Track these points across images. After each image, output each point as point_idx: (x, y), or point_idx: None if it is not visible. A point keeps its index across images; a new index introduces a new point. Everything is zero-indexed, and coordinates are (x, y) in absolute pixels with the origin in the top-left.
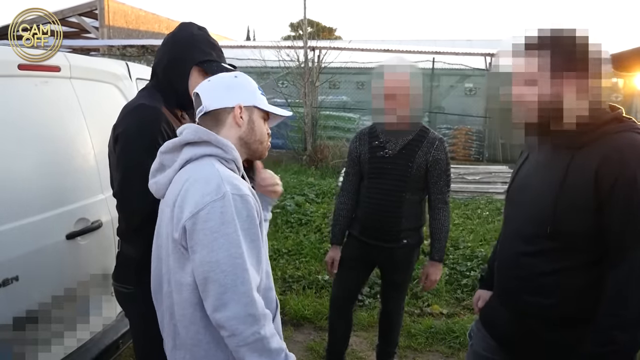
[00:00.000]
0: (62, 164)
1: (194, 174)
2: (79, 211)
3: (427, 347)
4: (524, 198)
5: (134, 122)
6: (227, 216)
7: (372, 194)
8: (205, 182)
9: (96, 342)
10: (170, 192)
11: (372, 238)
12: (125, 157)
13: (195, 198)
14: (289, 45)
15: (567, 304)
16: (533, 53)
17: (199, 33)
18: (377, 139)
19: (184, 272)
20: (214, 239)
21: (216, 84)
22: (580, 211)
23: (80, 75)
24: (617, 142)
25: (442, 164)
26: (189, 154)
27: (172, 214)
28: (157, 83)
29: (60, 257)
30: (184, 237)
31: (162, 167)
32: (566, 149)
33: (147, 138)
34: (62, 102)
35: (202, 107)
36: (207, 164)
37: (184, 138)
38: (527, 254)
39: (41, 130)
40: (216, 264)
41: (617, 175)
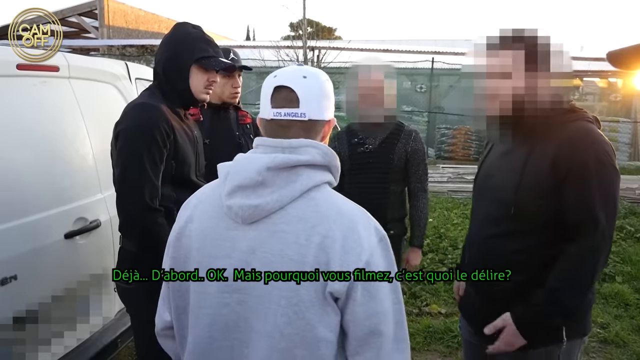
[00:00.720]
0: (60, 163)
1: (341, 211)
2: (77, 210)
3: (425, 347)
4: (490, 184)
5: (133, 120)
6: (390, 257)
7: (356, 188)
8: (364, 225)
9: (95, 341)
10: (292, 226)
11: None
12: (124, 154)
13: (360, 244)
14: (289, 45)
15: (532, 279)
16: (507, 48)
17: (194, 31)
18: (356, 136)
19: (323, 327)
20: (383, 287)
21: (316, 86)
22: (540, 193)
23: (78, 75)
24: (571, 130)
25: (420, 154)
26: (314, 179)
27: (313, 257)
28: (159, 83)
29: (58, 256)
30: (346, 289)
31: (262, 186)
32: (528, 138)
33: (145, 135)
34: (60, 101)
35: (298, 112)
36: (339, 197)
37: (312, 159)
38: (495, 236)
39: (39, 130)
40: (385, 314)
41: (571, 159)
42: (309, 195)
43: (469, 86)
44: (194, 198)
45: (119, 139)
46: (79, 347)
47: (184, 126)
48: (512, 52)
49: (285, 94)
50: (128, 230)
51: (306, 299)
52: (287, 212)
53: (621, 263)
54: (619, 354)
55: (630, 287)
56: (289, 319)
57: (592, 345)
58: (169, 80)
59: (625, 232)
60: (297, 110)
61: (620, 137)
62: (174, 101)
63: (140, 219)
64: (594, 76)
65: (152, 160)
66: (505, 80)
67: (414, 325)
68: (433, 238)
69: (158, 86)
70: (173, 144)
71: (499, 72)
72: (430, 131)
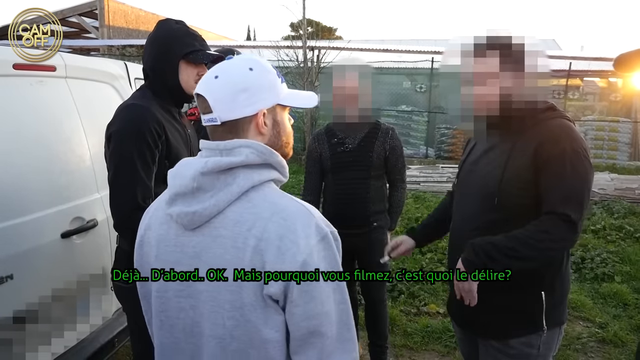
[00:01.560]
0: (57, 162)
1: (277, 210)
2: (74, 210)
3: (423, 347)
4: (473, 180)
5: (124, 121)
6: (332, 257)
7: (339, 185)
8: (302, 224)
9: (92, 340)
10: (229, 230)
11: (345, 227)
12: (116, 155)
13: (297, 243)
14: (288, 45)
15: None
16: (494, 53)
17: (178, 27)
18: (336, 136)
19: (268, 328)
20: (323, 288)
21: (227, 85)
22: (522, 183)
23: (75, 75)
24: (551, 126)
25: (398, 150)
26: (252, 180)
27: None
28: (150, 83)
29: (55, 255)
30: (283, 290)
31: (199, 191)
32: (510, 135)
33: (136, 136)
34: (57, 101)
35: (212, 117)
36: (279, 195)
37: (247, 160)
38: (475, 228)
39: (36, 129)
40: (325, 315)
41: (550, 151)
42: (247, 197)
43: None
44: (153, 205)
45: (111, 141)
46: (76, 345)
47: (176, 125)
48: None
49: (201, 102)
50: (122, 231)
51: (248, 302)
52: (226, 215)
53: (620, 263)
54: (617, 354)
55: (629, 287)
56: (236, 321)
57: (590, 345)
58: (158, 79)
59: (625, 232)
60: (212, 115)
61: (620, 137)
62: (165, 99)
63: (133, 219)
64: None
65: (144, 161)
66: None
67: (412, 325)
68: None
69: (149, 85)
70: (165, 143)
71: (481, 78)
72: (430, 131)
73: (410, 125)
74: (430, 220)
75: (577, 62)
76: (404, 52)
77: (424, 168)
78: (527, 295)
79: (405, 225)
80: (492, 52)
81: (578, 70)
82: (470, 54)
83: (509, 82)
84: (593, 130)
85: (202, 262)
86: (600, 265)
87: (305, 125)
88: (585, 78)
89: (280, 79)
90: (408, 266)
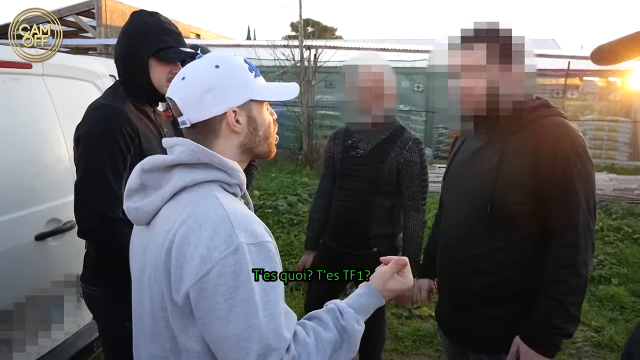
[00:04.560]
0: (31, 163)
1: (194, 213)
2: (50, 211)
3: (414, 351)
4: (462, 183)
5: (93, 123)
6: (243, 276)
7: (342, 196)
8: (213, 231)
9: (70, 345)
10: (159, 229)
11: (341, 245)
12: (83, 159)
13: (200, 253)
14: (285, 44)
15: (508, 280)
16: (481, 45)
17: (151, 20)
18: (351, 138)
19: (188, 337)
20: (229, 308)
21: (193, 85)
22: (519, 189)
23: (54, 73)
24: (549, 124)
25: (415, 167)
26: (184, 179)
27: (163, 263)
28: (122, 80)
29: (28, 258)
30: (188, 303)
31: (144, 188)
32: (501, 134)
33: (106, 140)
34: (33, 100)
35: (183, 120)
36: (210, 197)
37: (178, 158)
38: (468, 235)
39: (10, 128)
40: (234, 339)
41: (553, 154)
42: (179, 197)
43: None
44: None
45: (79, 144)
46: (53, 350)
47: (151, 126)
48: (477, 49)
49: (172, 105)
50: (87, 239)
51: (169, 306)
52: (160, 214)
53: (617, 265)
54: (612, 359)
55: (626, 290)
56: (166, 322)
57: (585, 350)
58: (129, 77)
59: (623, 233)
60: (182, 118)
61: (620, 137)
62: (139, 98)
63: (97, 230)
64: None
65: (114, 166)
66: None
67: (403, 329)
68: (426, 237)
69: (121, 83)
70: (138, 147)
71: (468, 70)
72: (427, 131)
73: (408, 125)
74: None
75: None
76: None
77: None
78: (520, 306)
79: None
80: (479, 45)
81: (577, 69)
82: (458, 47)
83: (496, 75)
84: (592, 130)
85: (147, 259)
86: (597, 267)
87: (302, 125)
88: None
89: (253, 72)
90: None
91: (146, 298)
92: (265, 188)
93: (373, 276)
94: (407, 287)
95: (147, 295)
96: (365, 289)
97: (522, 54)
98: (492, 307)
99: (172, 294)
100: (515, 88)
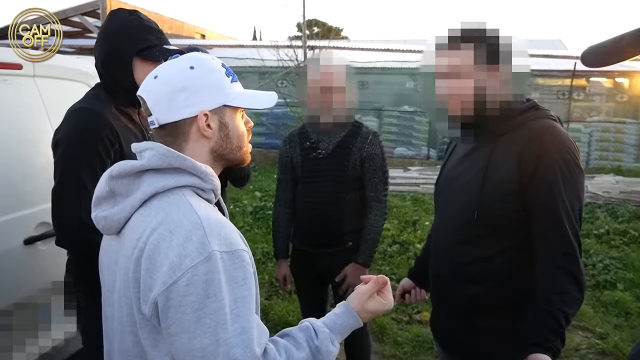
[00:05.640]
0: (21, 165)
1: (166, 220)
2: (39, 215)
3: (413, 357)
4: (452, 188)
5: (71, 127)
6: (214, 286)
7: (308, 198)
8: (184, 238)
9: (60, 351)
10: (128, 238)
11: (314, 246)
12: (61, 165)
13: (170, 261)
14: (288, 44)
15: (499, 288)
16: (468, 46)
17: (131, 19)
18: (309, 140)
19: (158, 352)
20: (198, 319)
21: (165, 84)
22: (505, 194)
23: (45, 74)
24: (536, 128)
25: (377, 160)
26: (155, 185)
27: (132, 273)
28: (103, 82)
29: (17, 263)
30: (156, 313)
31: (112, 195)
32: (489, 137)
33: (84, 145)
34: (23, 101)
35: (151, 120)
36: (182, 203)
37: (148, 163)
38: (458, 242)
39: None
40: (201, 352)
41: (537, 158)
42: (150, 204)
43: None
44: None
45: (57, 148)
46: (41, 357)
47: (133, 129)
48: (465, 50)
49: (143, 103)
50: (65, 247)
51: (138, 319)
52: (129, 223)
53: (623, 269)
54: None
55: (632, 295)
56: (135, 337)
57: (589, 357)
58: (111, 78)
59: (629, 237)
60: (151, 118)
61: (627, 139)
62: (121, 100)
63: (74, 237)
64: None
65: (92, 172)
66: (460, 78)
67: (403, 334)
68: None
69: (102, 85)
70: (119, 152)
71: (455, 71)
72: (432, 132)
73: (412, 125)
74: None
75: None
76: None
77: (423, 170)
78: (517, 315)
79: (402, 227)
80: (466, 45)
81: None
82: (445, 47)
83: (483, 76)
84: (599, 131)
85: (117, 270)
86: (603, 272)
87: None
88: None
89: (230, 77)
90: (401, 272)
91: (115, 312)
92: (267, 189)
93: (352, 296)
94: (387, 309)
95: (117, 308)
96: (342, 308)
97: (510, 55)
98: (482, 317)
99: (140, 305)
100: (502, 89)
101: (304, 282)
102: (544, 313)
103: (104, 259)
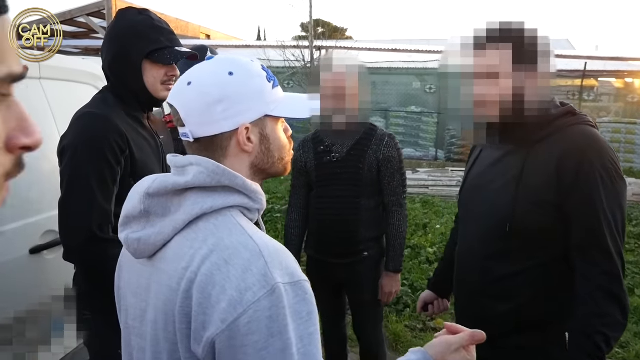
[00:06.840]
0: (27, 171)
1: (218, 247)
2: (45, 223)
3: None
4: (479, 198)
5: (78, 133)
6: (279, 323)
7: (323, 203)
8: (243, 268)
9: None
10: (171, 265)
11: (330, 255)
12: (68, 174)
13: (229, 296)
14: (295, 45)
15: (532, 306)
16: (494, 46)
17: (141, 18)
18: (322, 144)
19: None
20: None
21: (201, 94)
22: (541, 206)
23: (51, 76)
24: (575, 134)
25: (395, 162)
26: (201, 206)
27: (179, 307)
28: (111, 85)
29: (23, 273)
30: (211, 354)
31: (146, 215)
32: (522, 144)
33: (92, 152)
34: (29, 104)
35: (185, 132)
36: (233, 226)
37: (194, 181)
38: (487, 257)
39: None
40: None
41: (578, 167)
42: (195, 226)
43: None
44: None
45: (63, 156)
46: None
47: (144, 134)
48: (499, 50)
49: (174, 112)
50: (73, 262)
51: (184, 358)
52: (169, 247)
53: None
54: None
55: None
56: None
57: None
58: (120, 81)
59: None
60: (185, 129)
61: (638, 140)
62: (130, 104)
63: (85, 251)
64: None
65: (102, 180)
66: (493, 80)
67: (417, 342)
68: (440, 246)
69: (110, 88)
70: (129, 159)
71: (486, 72)
72: (439, 133)
73: (419, 126)
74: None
75: (592, 62)
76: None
77: (432, 171)
78: (547, 335)
79: (412, 231)
80: (504, 45)
81: (593, 70)
82: (479, 47)
83: (521, 77)
84: (609, 132)
85: (150, 298)
86: None
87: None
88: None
89: (272, 82)
90: (413, 278)
91: (148, 345)
92: (274, 192)
93: (432, 343)
94: None
95: (151, 342)
96: (420, 356)
97: (548, 55)
98: (510, 335)
99: (191, 344)
100: (539, 92)
101: (322, 292)
102: (582, 336)
103: (128, 283)
